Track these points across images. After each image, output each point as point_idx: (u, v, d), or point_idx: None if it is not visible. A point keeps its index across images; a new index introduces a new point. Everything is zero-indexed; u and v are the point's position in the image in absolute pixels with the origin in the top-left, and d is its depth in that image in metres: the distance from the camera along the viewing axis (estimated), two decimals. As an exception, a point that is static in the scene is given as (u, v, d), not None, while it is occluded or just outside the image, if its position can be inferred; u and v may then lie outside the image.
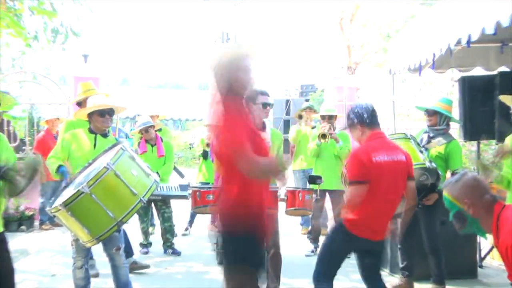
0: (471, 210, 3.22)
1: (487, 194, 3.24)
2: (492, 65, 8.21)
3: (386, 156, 4.60)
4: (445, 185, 3.40)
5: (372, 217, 4.63)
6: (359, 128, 4.74)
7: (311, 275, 7.28)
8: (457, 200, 3.24)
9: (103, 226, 4.85)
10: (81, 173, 5.41)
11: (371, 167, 4.51)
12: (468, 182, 3.25)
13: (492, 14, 4.81)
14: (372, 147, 4.62)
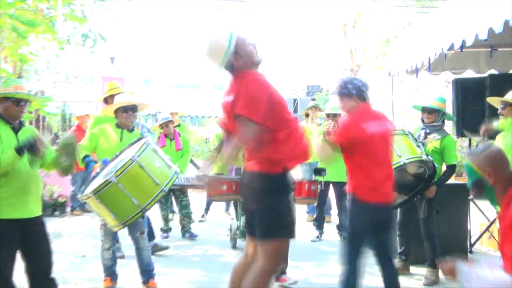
0: (492, 179, 3.18)
1: (509, 169, 3.21)
2: (483, 68, 8.20)
3: (377, 126, 4.60)
4: (469, 153, 3.34)
5: (378, 181, 4.59)
6: (355, 100, 4.67)
7: (316, 258, 7.31)
8: (480, 168, 3.20)
9: (128, 212, 4.87)
10: (110, 164, 5.44)
11: (366, 139, 4.50)
12: (493, 153, 3.21)
13: (485, 21, 4.78)
14: (364, 118, 4.60)
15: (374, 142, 4.55)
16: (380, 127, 4.63)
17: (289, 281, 6.22)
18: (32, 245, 4.96)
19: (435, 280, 6.19)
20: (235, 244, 7.95)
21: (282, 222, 3.92)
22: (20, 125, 4.91)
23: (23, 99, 4.81)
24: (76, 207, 11.01)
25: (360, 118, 4.60)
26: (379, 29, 21.35)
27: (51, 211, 10.67)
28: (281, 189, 3.92)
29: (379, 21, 21.46)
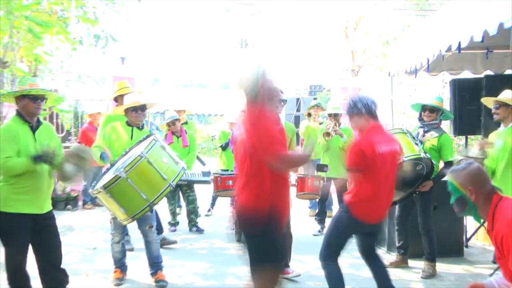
0: (473, 196, 3.18)
1: (488, 184, 3.21)
2: (479, 69, 8.19)
3: (386, 146, 4.55)
4: (451, 171, 3.34)
5: (376, 203, 4.59)
6: (365, 118, 4.63)
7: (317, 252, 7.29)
8: (462, 186, 3.20)
9: (137, 207, 4.88)
10: (119, 160, 5.45)
11: (375, 158, 4.44)
12: (473, 171, 3.21)
13: (481, 23, 4.77)
14: (375, 139, 4.54)
15: (382, 162, 4.51)
16: (389, 148, 4.58)
17: (292, 273, 6.22)
18: (42, 238, 4.99)
19: (433, 273, 6.18)
20: (240, 237, 7.91)
21: (270, 255, 3.85)
22: (38, 122, 4.93)
23: (39, 95, 4.84)
24: (88, 201, 11.04)
25: (371, 137, 4.55)
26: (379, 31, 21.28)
27: (64, 205, 10.70)
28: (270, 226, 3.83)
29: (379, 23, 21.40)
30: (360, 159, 4.48)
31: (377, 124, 4.67)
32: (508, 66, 8.04)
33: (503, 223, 2.98)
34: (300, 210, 9.38)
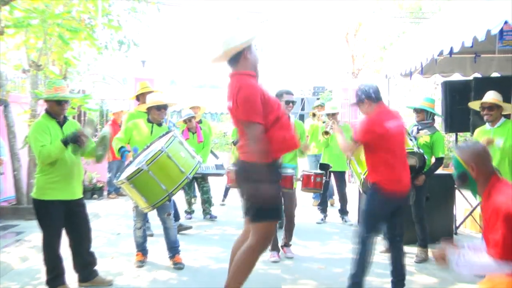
0: (474, 173, 3.18)
1: (490, 164, 3.21)
2: (468, 72, 8.18)
3: (394, 122, 4.57)
4: (458, 148, 3.33)
5: (397, 173, 4.57)
6: (367, 103, 4.65)
7: (321, 238, 7.32)
8: (465, 162, 3.20)
9: (157, 196, 4.91)
10: (141, 154, 5.48)
11: (385, 133, 4.46)
12: (478, 150, 3.21)
13: (470, 30, 4.76)
14: (383, 116, 4.56)
15: (392, 137, 4.53)
16: (396, 123, 4.60)
17: (287, 254, 6.37)
18: (74, 223, 5.06)
19: (425, 258, 6.19)
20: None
21: (269, 207, 3.82)
22: (64, 119, 5.00)
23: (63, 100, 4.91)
24: (112, 191, 11.11)
25: (379, 117, 4.56)
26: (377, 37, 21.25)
27: (90, 195, 10.77)
28: (269, 178, 3.79)
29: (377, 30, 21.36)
30: (370, 130, 4.51)
31: (380, 105, 4.68)
32: (494, 69, 8.04)
33: (498, 201, 2.98)
34: (305, 200, 9.40)
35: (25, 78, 9.38)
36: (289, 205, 6.29)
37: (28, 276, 5.65)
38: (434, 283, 5.38)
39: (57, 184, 4.84)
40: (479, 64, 7.95)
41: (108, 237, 7.42)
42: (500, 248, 2.89)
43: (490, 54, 7.64)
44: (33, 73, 8.78)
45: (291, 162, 6.26)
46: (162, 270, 5.80)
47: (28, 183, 8.71)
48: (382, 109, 4.66)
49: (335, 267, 5.89)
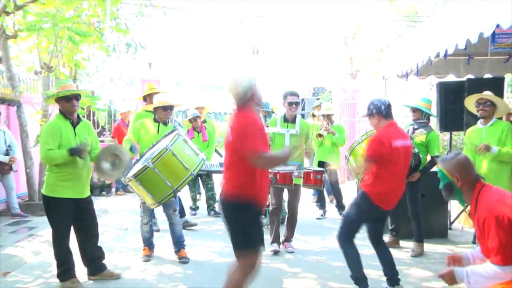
0: (459, 183, 3.18)
1: (473, 173, 3.21)
2: (461, 73, 8.16)
3: (401, 141, 4.53)
4: (441, 160, 3.32)
5: (392, 192, 4.60)
6: (377, 117, 4.61)
7: (321, 233, 7.32)
8: (449, 173, 3.20)
9: (163, 193, 4.91)
10: (147, 152, 5.49)
11: (391, 151, 4.43)
12: (460, 161, 3.20)
13: (464, 33, 4.76)
14: (392, 134, 4.51)
15: (397, 156, 4.49)
16: (403, 143, 4.56)
17: (288, 248, 6.38)
18: (82, 220, 5.08)
19: (421, 252, 6.20)
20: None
21: (249, 240, 3.74)
22: (78, 119, 5.02)
23: (71, 95, 4.92)
24: (120, 188, 11.12)
25: (387, 136, 4.51)
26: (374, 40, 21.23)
27: (99, 191, 10.79)
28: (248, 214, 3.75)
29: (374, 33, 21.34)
30: (378, 149, 4.46)
31: (391, 123, 4.64)
32: (487, 71, 8.04)
33: (485, 208, 2.99)
34: (306, 197, 9.41)
35: (37, 79, 9.40)
36: (293, 200, 6.30)
37: (40, 269, 5.67)
38: (430, 277, 5.38)
39: (67, 183, 4.86)
40: (472, 65, 7.94)
41: (116, 232, 7.44)
42: (501, 254, 2.88)
43: (482, 56, 7.65)
44: (45, 74, 8.80)
45: (297, 160, 6.24)
46: (168, 264, 5.81)
47: (40, 181, 8.73)
48: (391, 127, 4.62)
49: (334, 260, 5.88)
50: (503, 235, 2.86)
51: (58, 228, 4.96)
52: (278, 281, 5.26)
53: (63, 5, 8.37)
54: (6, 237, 6.98)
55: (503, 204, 2.96)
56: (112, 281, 5.21)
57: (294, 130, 6.22)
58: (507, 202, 2.99)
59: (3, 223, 7.91)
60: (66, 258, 5.02)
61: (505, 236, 2.86)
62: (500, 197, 3.04)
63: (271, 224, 6.45)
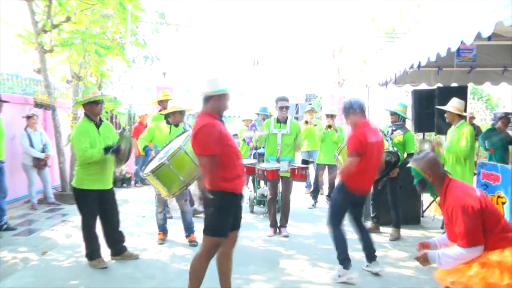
0: (431, 179, 3.21)
1: (442, 169, 3.24)
2: (432, 82, 8.19)
3: (374, 138, 4.56)
4: (414, 160, 3.35)
5: (365, 181, 4.63)
6: (359, 115, 4.62)
7: (311, 220, 7.34)
8: (422, 171, 3.23)
9: (176, 186, 4.89)
10: (161, 151, 5.49)
11: (367, 146, 4.46)
12: (430, 159, 3.23)
13: (434, 48, 4.77)
14: (367, 132, 4.53)
15: (372, 149, 4.52)
16: (376, 139, 4.59)
17: (283, 233, 6.40)
18: (106, 208, 5.13)
19: (398, 236, 6.23)
20: (252, 209, 8.02)
21: (215, 226, 3.71)
22: (100, 121, 5.06)
23: (99, 100, 5.03)
24: (138, 181, 11.10)
25: (363, 133, 4.52)
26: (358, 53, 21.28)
27: (121, 184, 10.80)
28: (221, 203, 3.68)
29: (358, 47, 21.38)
30: (358, 146, 4.48)
31: (366, 121, 4.68)
32: (453, 80, 8.09)
33: (453, 198, 3.03)
34: (299, 189, 9.43)
35: (69, 87, 9.42)
36: (285, 191, 6.35)
37: (71, 249, 5.72)
38: (405, 257, 5.41)
39: (94, 176, 4.91)
40: (441, 75, 7.99)
41: (135, 219, 7.46)
42: (466, 238, 2.92)
43: (449, 68, 7.73)
44: (75, 83, 8.84)
45: (288, 155, 6.31)
46: (179, 247, 5.85)
47: (70, 174, 8.76)
48: (366, 125, 4.63)
49: (324, 244, 5.90)
50: (468, 222, 2.91)
51: (86, 215, 5.00)
52: (274, 261, 5.29)
53: (91, 24, 8.45)
54: (43, 222, 7.04)
55: (468, 195, 3.01)
56: (131, 261, 5.26)
57: (285, 130, 6.29)
58: (471, 193, 3.04)
59: (40, 210, 7.96)
60: (93, 241, 5.06)
61: (470, 222, 2.91)
62: (465, 189, 3.09)
63: (269, 212, 6.54)
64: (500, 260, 2.85)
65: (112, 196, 5.21)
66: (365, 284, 4.56)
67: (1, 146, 6.49)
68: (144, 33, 10.97)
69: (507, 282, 2.78)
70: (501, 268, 2.83)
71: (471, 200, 2.96)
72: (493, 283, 2.81)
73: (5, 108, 6.80)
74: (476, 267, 2.89)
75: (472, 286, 2.85)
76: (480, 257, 2.92)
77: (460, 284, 2.90)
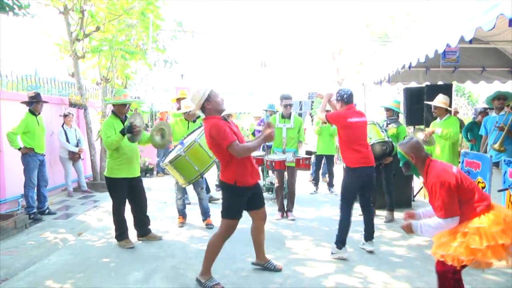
0: (414, 161, 3.24)
1: (423, 152, 3.26)
2: (421, 80, 8.18)
3: (357, 118, 4.58)
4: (399, 144, 3.37)
5: (359, 153, 4.56)
6: (340, 103, 4.68)
7: (315, 205, 7.34)
8: (406, 154, 3.25)
9: (192, 175, 4.91)
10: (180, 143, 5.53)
11: (346, 124, 4.53)
12: (413, 144, 3.25)
13: (423, 50, 4.75)
14: (348, 114, 4.57)
15: (355, 128, 4.55)
16: (358, 118, 4.60)
17: (290, 217, 6.41)
18: (135, 194, 5.17)
19: (392, 218, 6.22)
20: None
21: (229, 210, 3.89)
22: (125, 118, 5.11)
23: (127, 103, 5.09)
24: (160, 171, 11.17)
25: (344, 113, 4.58)
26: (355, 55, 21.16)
27: (144, 174, 10.82)
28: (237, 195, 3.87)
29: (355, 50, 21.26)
30: (334, 117, 4.64)
31: (350, 106, 4.66)
32: (439, 79, 8.08)
33: (433, 176, 3.07)
34: (304, 176, 9.45)
35: (98, 89, 9.49)
36: (291, 179, 6.36)
37: (103, 232, 5.80)
38: (398, 237, 5.41)
39: (122, 166, 4.96)
40: (429, 75, 7.98)
41: (157, 205, 7.50)
42: (444, 210, 2.97)
43: (436, 68, 7.70)
44: (103, 85, 8.91)
45: (293, 147, 6.36)
46: (197, 230, 5.88)
47: (100, 165, 8.86)
48: (349, 109, 4.64)
49: (325, 226, 5.93)
50: (445, 195, 2.96)
51: (116, 201, 5.07)
52: (282, 242, 5.32)
53: (117, 32, 8.52)
54: (78, 208, 7.13)
55: (445, 172, 3.05)
56: (155, 242, 5.31)
57: (289, 124, 6.33)
58: (448, 170, 3.07)
59: (76, 197, 8.07)
60: (122, 224, 5.12)
61: (447, 196, 2.95)
62: (443, 167, 3.11)
63: (276, 198, 6.56)
64: (478, 227, 2.89)
65: (140, 184, 5.26)
66: (362, 261, 4.57)
67: (42, 141, 6.57)
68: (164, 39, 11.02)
69: (486, 244, 2.81)
70: (479, 234, 2.87)
71: (448, 176, 3.01)
72: (475, 249, 2.84)
73: (44, 108, 6.90)
74: (460, 237, 2.93)
75: (459, 255, 2.87)
76: (461, 226, 2.96)
77: (449, 256, 2.93)
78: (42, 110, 6.67)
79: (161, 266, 4.49)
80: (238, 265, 4.47)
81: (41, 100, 6.56)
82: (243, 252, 4.80)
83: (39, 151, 6.45)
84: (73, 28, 8.33)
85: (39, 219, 6.32)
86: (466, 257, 2.85)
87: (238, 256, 4.72)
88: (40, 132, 6.49)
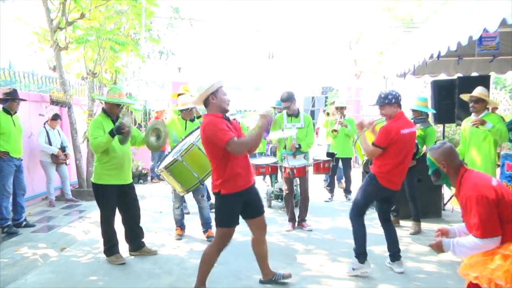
0: (445, 169, 3.18)
1: (457, 159, 3.20)
2: (452, 72, 8.10)
3: (407, 129, 4.48)
4: (429, 149, 3.31)
5: (397, 174, 4.51)
6: (395, 106, 4.52)
7: (330, 214, 7.30)
8: (437, 161, 3.20)
9: (190, 182, 4.91)
10: (177, 145, 5.52)
11: (398, 138, 4.40)
12: (446, 150, 3.19)
13: (454, 36, 4.69)
14: (400, 124, 4.46)
15: (404, 142, 4.46)
16: (409, 131, 4.51)
17: (307, 227, 6.39)
18: (127, 203, 5.17)
19: (418, 230, 6.17)
20: (270, 204, 8.01)
21: (221, 218, 3.96)
22: (117, 118, 5.10)
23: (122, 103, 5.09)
24: (155, 177, 11.20)
25: (397, 125, 4.46)
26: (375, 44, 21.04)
27: (137, 180, 10.85)
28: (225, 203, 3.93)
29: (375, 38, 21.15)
30: (384, 139, 4.43)
31: (401, 112, 4.59)
32: (474, 70, 7.97)
33: (468, 189, 2.99)
34: (317, 183, 9.40)
35: (84, 84, 9.51)
36: (304, 185, 6.35)
37: (90, 246, 5.79)
38: (426, 251, 5.34)
39: (112, 171, 4.95)
40: (461, 65, 7.87)
41: (152, 215, 7.50)
42: (481, 229, 2.87)
43: (470, 57, 7.57)
44: (90, 80, 8.92)
45: (304, 150, 6.36)
46: (197, 242, 5.86)
47: (87, 170, 8.86)
48: (401, 116, 4.55)
49: (343, 238, 5.88)
50: (482, 213, 2.86)
51: (105, 210, 5.05)
52: (293, 256, 5.27)
53: (105, 20, 8.48)
54: (61, 219, 7.14)
55: (482, 185, 2.96)
56: (150, 257, 5.29)
57: (299, 123, 6.36)
58: (486, 183, 2.98)
59: (58, 207, 8.07)
60: (111, 237, 5.11)
61: (484, 213, 2.86)
62: (479, 180, 3.03)
63: (286, 206, 6.53)
64: None
65: (132, 191, 5.26)
66: (385, 280, 4.51)
67: (19, 144, 6.55)
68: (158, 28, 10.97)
69: None
70: None
71: (486, 190, 2.91)
72: None
73: (21, 106, 6.86)
74: (499, 260, 2.84)
75: (496, 280, 2.80)
76: (502, 248, 2.87)
77: (483, 278, 2.85)
78: (19, 109, 6.65)
79: (156, 284, 4.46)
80: (244, 283, 4.44)
81: (17, 98, 6.53)
82: (249, 268, 4.76)
83: (16, 155, 6.43)
84: (53, 15, 8.30)
85: (15, 233, 6.27)
86: (505, 283, 2.77)
87: (243, 272, 4.69)
88: (16, 133, 6.48)
